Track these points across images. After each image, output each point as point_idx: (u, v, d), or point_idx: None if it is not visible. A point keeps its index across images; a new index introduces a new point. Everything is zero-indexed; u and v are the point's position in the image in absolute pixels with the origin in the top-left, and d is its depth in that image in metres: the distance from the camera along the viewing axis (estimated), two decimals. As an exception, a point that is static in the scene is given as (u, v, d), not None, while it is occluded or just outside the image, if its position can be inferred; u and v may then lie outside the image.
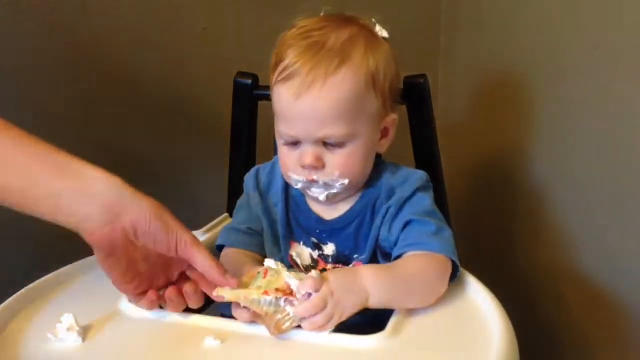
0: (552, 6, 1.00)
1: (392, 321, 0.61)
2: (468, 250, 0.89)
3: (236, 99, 0.90)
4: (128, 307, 0.65)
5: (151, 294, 0.62)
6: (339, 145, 0.67)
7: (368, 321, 0.62)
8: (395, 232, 0.69)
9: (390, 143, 0.74)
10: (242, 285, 0.61)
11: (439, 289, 0.66)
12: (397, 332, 0.60)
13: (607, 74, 0.90)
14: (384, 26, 0.73)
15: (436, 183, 0.87)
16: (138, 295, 0.62)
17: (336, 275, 0.62)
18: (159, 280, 0.62)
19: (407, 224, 0.68)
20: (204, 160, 1.14)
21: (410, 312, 0.63)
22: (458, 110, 1.30)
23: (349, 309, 0.60)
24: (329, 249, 0.72)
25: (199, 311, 0.65)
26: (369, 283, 0.61)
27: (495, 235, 1.22)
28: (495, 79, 1.16)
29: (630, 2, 0.84)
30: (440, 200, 0.88)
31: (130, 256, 0.59)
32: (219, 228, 0.85)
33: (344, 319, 0.60)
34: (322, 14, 0.72)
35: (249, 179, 0.79)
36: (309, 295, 0.59)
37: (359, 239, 0.71)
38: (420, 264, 0.65)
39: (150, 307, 0.63)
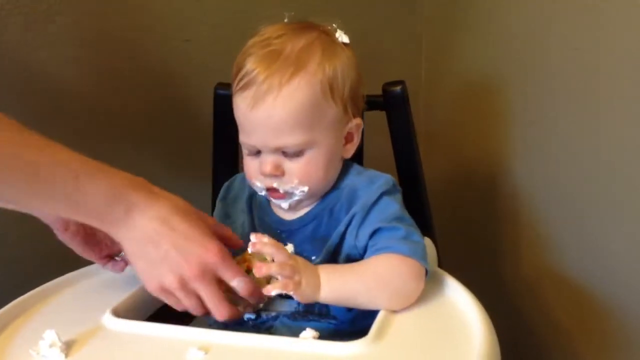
0: (533, 8, 1.00)
1: (375, 326, 0.61)
2: (450, 254, 0.90)
3: (217, 109, 0.90)
4: (111, 321, 0.65)
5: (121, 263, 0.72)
6: (297, 154, 0.67)
7: (351, 329, 0.63)
8: (362, 239, 0.68)
9: (355, 148, 0.73)
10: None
11: (408, 291, 0.65)
12: (379, 336, 0.60)
13: (587, 74, 0.91)
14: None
15: (417, 187, 0.88)
16: (102, 259, 0.71)
17: (300, 259, 0.65)
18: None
19: (375, 231, 0.67)
20: (188, 170, 1.14)
21: (392, 316, 0.64)
22: (440, 115, 1.30)
23: (307, 286, 0.62)
24: (289, 249, 0.71)
25: (185, 322, 0.65)
26: (322, 275, 0.63)
27: (477, 239, 1.23)
28: (477, 83, 1.17)
29: (608, 2, 0.85)
30: (421, 205, 0.89)
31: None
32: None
33: (303, 290, 0.62)
34: (285, 20, 0.72)
35: (223, 188, 0.80)
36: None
37: (315, 241, 0.71)
38: (384, 264, 0.65)
39: (120, 271, 0.72)
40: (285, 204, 0.71)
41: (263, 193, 0.71)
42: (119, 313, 0.67)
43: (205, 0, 1.11)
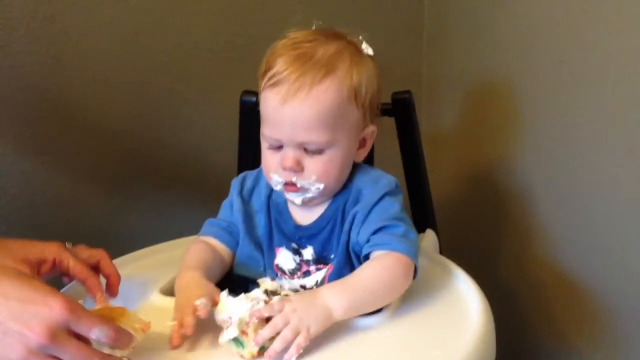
0: (527, 19, 1.05)
1: (390, 307, 0.70)
2: (455, 253, 0.93)
3: (242, 115, 0.96)
4: (158, 299, 0.73)
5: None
6: (318, 151, 0.71)
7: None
8: (363, 236, 0.72)
9: (367, 153, 0.77)
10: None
11: (401, 290, 0.69)
12: (392, 314, 0.69)
13: (573, 85, 0.96)
14: (368, 42, 0.77)
15: (421, 185, 0.95)
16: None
17: (298, 295, 0.66)
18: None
19: (377, 229, 0.71)
20: (215, 175, 1.16)
21: (400, 298, 0.71)
22: (443, 120, 1.34)
23: (315, 324, 0.62)
24: (308, 252, 0.76)
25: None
26: (329, 299, 0.64)
27: (481, 237, 1.25)
28: (477, 88, 1.21)
29: (594, 17, 0.91)
30: (424, 202, 0.96)
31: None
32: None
33: (312, 333, 0.62)
34: (313, 28, 0.76)
35: (235, 182, 0.82)
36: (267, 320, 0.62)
37: (332, 241, 0.75)
38: (381, 267, 0.69)
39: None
40: (298, 200, 0.74)
41: (278, 187, 0.74)
42: (166, 292, 0.74)
43: (225, 11, 1.16)
